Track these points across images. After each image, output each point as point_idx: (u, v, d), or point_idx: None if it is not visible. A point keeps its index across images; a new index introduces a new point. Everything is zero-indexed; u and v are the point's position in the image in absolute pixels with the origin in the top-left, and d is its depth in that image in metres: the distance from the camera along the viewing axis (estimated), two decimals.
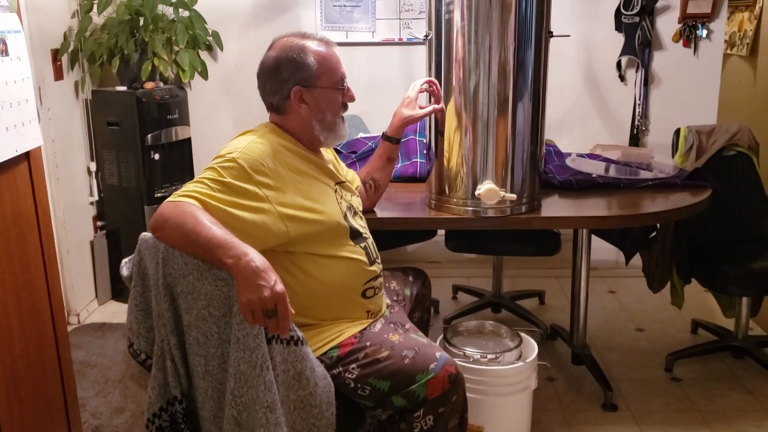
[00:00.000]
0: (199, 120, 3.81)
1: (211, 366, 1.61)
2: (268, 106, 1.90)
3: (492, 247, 3.18)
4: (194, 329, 1.60)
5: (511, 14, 2.11)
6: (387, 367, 1.76)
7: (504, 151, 2.22)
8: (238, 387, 1.54)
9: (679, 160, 3.08)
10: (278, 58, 1.84)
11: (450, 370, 1.76)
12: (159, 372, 1.65)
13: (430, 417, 1.74)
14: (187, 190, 1.64)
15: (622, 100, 3.82)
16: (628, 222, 2.49)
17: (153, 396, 1.65)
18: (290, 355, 1.60)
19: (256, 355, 1.52)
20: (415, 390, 1.73)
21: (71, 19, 3.48)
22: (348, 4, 3.72)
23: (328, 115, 1.87)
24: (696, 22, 3.69)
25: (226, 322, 1.57)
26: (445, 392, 1.74)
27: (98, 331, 3.33)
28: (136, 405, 2.66)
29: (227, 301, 1.55)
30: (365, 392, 1.76)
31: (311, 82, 1.83)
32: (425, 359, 1.76)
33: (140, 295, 1.69)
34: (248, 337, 1.52)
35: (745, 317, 2.92)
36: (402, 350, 1.78)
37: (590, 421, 2.57)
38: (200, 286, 1.56)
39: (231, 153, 1.71)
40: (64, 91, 3.41)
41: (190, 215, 1.55)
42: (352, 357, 1.79)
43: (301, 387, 1.63)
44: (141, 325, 1.70)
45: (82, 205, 3.58)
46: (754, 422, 2.55)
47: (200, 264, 1.55)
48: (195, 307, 1.59)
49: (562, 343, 3.09)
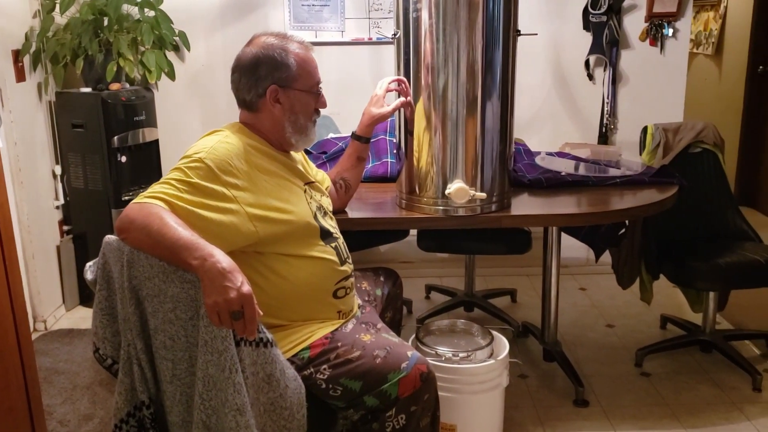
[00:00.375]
0: (167, 121, 3.77)
1: (179, 370, 1.59)
2: (240, 102, 1.88)
3: (464, 246, 3.19)
4: (161, 333, 1.58)
5: (478, 13, 2.11)
6: (358, 367, 1.75)
7: (473, 150, 2.22)
8: (206, 390, 1.52)
9: (646, 158, 3.12)
10: (257, 55, 1.81)
11: (421, 368, 1.76)
12: (126, 377, 1.63)
13: (402, 416, 1.74)
14: (153, 192, 1.61)
15: (590, 99, 3.85)
16: (596, 219, 2.51)
17: (120, 401, 1.63)
18: (259, 357, 1.58)
19: (224, 358, 1.50)
20: (386, 389, 1.72)
21: (33, 19, 3.41)
22: (317, 3, 3.70)
23: (301, 118, 1.86)
24: (662, 21, 3.73)
25: (193, 325, 1.55)
26: (416, 391, 1.74)
27: (66, 338, 3.27)
28: (105, 411, 2.62)
29: (194, 303, 1.53)
30: (337, 393, 1.75)
31: (288, 83, 1.82)
32: (397, 358, 1.76)
33: (105, 299, 1.66)
34: (216, 339, 1.50)
35: (712, 312, 2.97)
36: (374, 350, 1.78)
37: (562, 417, 2.59)
38: (166, 288, 1.54)
39: (198, 153, 1.68)
40: (27, 93, 3.35)
41: (156, 216, 1.53)
42: (323, 358, 1.78)
43: (271, 389, 1.62)
44: (107, 329, 1.67)
45: (47, 210, 3.52)
46: (722, 414, 2.59)
47: (166, 266, 1.53)
48: (161, 311, 1.56)
49: (534, 341, 3.10)
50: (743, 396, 2.71)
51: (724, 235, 3.05)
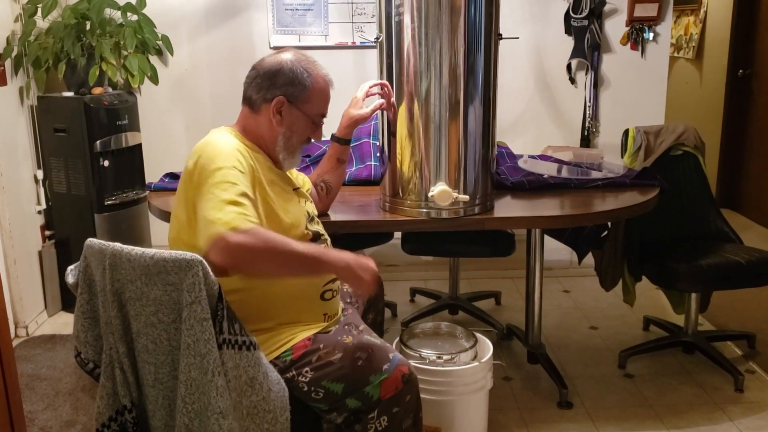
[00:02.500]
0: (150, 125, 3.75)
1: (161, 373, 1.58)
2: (246, 98, 1.89)
3: (448, 249, 3.20)
4: (143, 336, 1.57)
5: (460, 18, 2.12)
6: (340, 369, 1.75)
7: (456, 153, 2.23)
8: (189, 394, 1.52)
9: (628, 161, 3.14)
10: (282, 64, 1.84)
11: (403, 370, 1.76)
12: (107, 381, 1.62)
13: (384, 418, 1.74)
14: (232, 217, 1.55)
15: (572, 102, 3.88)
16: (578, 221, 2.53)
17: (102, 406, 1.62)
18: (242, 361, 1.58)
19: (207, 361, 1.50)
20: (368, 391, 1.73)
21: (14, 23, 3.39)
22: (300, 8, 3.70)
23: (294, 139, 1.88)
24: (643, 25, 3.77)
25: (175, 328, 1.55)
26: (398, 392, 1.74)
27: (48, 343, 3.25)
28: (88, 417, 2.60)
29: (176, 306, 1.53)
30: (319, 395, 1.75)
31: (297, 101, 1.85)
32: (378, 360, 1.77)
33: (87, 303, 1.65)
34: (199, 342, 1.49)
35: (694, 313, 2.99)
36: (355, 352, 1.78)
37: (546, 419, 2.60)
38: (148, 291, 1.53)
39: (222, 162, 1.66)
40: (8, 98, 3.32)
41: (278, 242, 1.58)
42: (305, 360, 1.77)
43: (254, 392, 1.61)
44: (88, 333, 1.66)
45: (29, 214, 3.49)
46: (704, 415, 2.61)
47: (149, 269, 1.52)
48: (143, 314, 1.56)
49: (519, 343, 3.12)
50: (726, 396, 2.73)
51: (705, 237, 3.08)
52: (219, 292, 1.53)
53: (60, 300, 3.64)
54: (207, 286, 1.50)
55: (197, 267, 1.49)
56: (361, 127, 2.87)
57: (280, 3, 3.69)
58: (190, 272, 1.49)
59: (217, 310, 1.53)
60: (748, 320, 3.41)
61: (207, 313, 1.50)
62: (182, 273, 1.50)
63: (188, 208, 1.70)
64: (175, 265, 1.50)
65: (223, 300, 1.54)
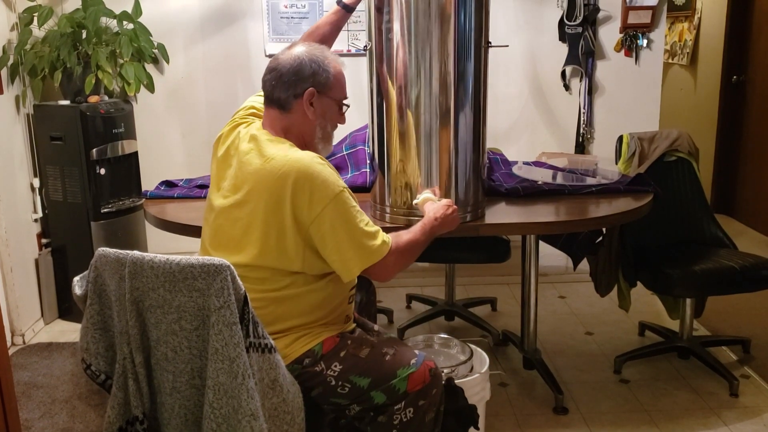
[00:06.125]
0: (146, 133, 3.76)
1: (179, 382, 1.59)
2: (274, 100, 1.87)
3: (443, 255, 3.21)
4: (163, 344, 1.58)
5: (450, 26, 2.13)
6: (368, 363, 1.79)
7: (447, 161, 2.24)
8: (217, 399, 1.52)
9: (622, 167, 3.16)
10: (302, 57, 1.85)
11: (430, 364, 1.82)
12: (119, 391, 1.62)
13: (411, 409, 1.77)
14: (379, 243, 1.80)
15: (567, 109, 3.90)
16: (572, 227, 2.54)
17: (112, 415, 1.61)
18: (265, 363, 1.60)
19: (237, 364, 1.50)
20: (395, 384, 1.76)
21: (11, 32, 3.40)
22: (296, 16, 3.72)
23: (329, 126, 1.92)
24: (636, 32, 3.79)
25: (198, 336, 1.55)
26: (426, 385, 1.78)
27: (45, 351, 3.25)
28: (84, 425, 2.60)
29: (200, 312, 1.53)
30: (345, 390, 1.78)
31: (325, 89, 1.87)
32: (405, 355, 1.82)
33: (98, 314, 1.65)
34: (228, 346, 1.50)
35: (689, 318, 3.00)
36: (382, 347, 1.83)
37: (542, 425, 2.60)
38: (171, 298, 1.54)
39: (334, 186, 1.76)
40: (5, 106, 3.33)
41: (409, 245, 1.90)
42: (334, 353, 1.81)
43: (275, 394, 1.63)
44: (99, 344, 1.66)
45: (25, 223, 3.49)
46: (700, 420, 2.62)
47: (174, 275, 1.52)
48: (164, 321, 1.56)
49: (514, 349, 3.12)
50: (721, 401, 2.74)
51: (699, 243, 3.10)
52: (245, 296, 1.55)
53: (56, 308, 3.64)
54: (235, 291, 1.52)
55: (225, 272, 1.50)
56: (357, 134, 2.91)
57: (275, 11, 3.70)
58: (219, 277, 1.50)
59: (244, 314, 1.54)
60: (742, 325, 3.42)
61: (236, 317, 1.51)
62: (210, 278, 1.50)
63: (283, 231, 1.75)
64: (203, 271, 1.50)
65: (248, 304, 1.56)
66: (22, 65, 3.39)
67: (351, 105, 1.96)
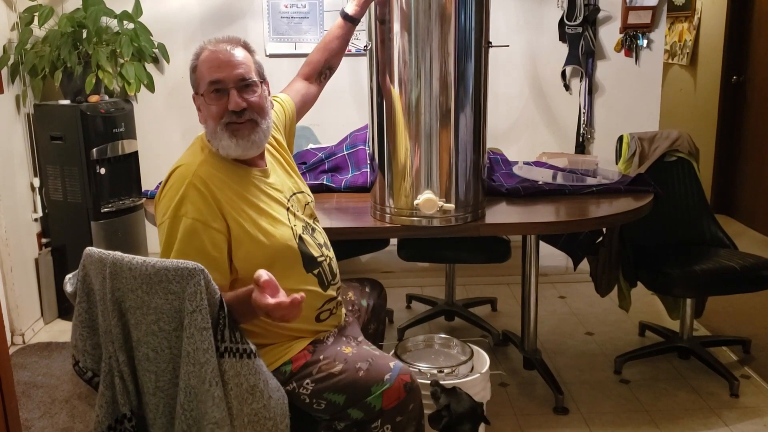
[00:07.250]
0: (147, 133, 3.76)
1: (162, 381, 1.59)
2: None
3: (444, 255, 3.21)
4: (144, 345, 1.58)
5: (450, 25, 2.13)
6: (341, 380, 1.75)
7: (447, 161, 2.23)
8: (188, 401, 1.52)
9: (622, 167, 3.16)
10: None
11: (405, 378, 1.76)
12: (107, 389, 1.62)
13: (388, 426, 1.75)
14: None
15: (567, 109, 3.90)
16: (573, 227, 2.54)
17: (101, 414, 1.62)
18: (243, 369, 1.59)
19: (206, 370, 1.50)
20: (371, 402, 1.73)
21: (11, 31, 3.40)
22: (296, 16, 3.72)
23: (210, 123, 1.75)
24: (636, 32, 3.79)
25: (176, 336, 1.55)
26: (401, 401, 1.75)
27: (44, 351, 3.24)
28: (84, 425, 2.60)
29: (178, 314, 1.53)
30: (321, 406, 1.76)
31: (197, 88, 1.78)
32: (379, 370, 1.76)
33: (85, 312, 1.65)
34: (198, 351, 1.50)
35: (689, 318, 3.00)
36: (356, 362, 1.78)
37: (542, 425, 2.60)
38: (149, 300, 1.54)
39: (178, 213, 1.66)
40: (5, 106, 3.33)
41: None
42: (305, 371, 1.77)
43: (255, 400, 1.62)
44: (87, 342, 1.66)
45: (25, 222, 3.49)
46: (700, 420, 2.62)
47: (150, 278, 1.52)
48: (144, 322, 1.56)
49: (515, 349, 3.12)
50: (721, 402, 2.74)
51: (699, 243, 3.10)
52: (220, 300, 1.54)
53: (56, 307, 3.64)
54: (209, 295, 1.51)
55: (199, 276, 1.50)
56: (357, 134, 2.90)
57: (275, 11, 3.70)
58: (192, 281, 1.50)
59: (219, 319, 1.53)
60: (743, 325, 3.42)
61: (207, 323, 1.51)
62: (184, 282, 1.50)
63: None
64: (177, 274, 1.50)
65: (224, 308, 1.54)
66: (22, 65, 3.39)
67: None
